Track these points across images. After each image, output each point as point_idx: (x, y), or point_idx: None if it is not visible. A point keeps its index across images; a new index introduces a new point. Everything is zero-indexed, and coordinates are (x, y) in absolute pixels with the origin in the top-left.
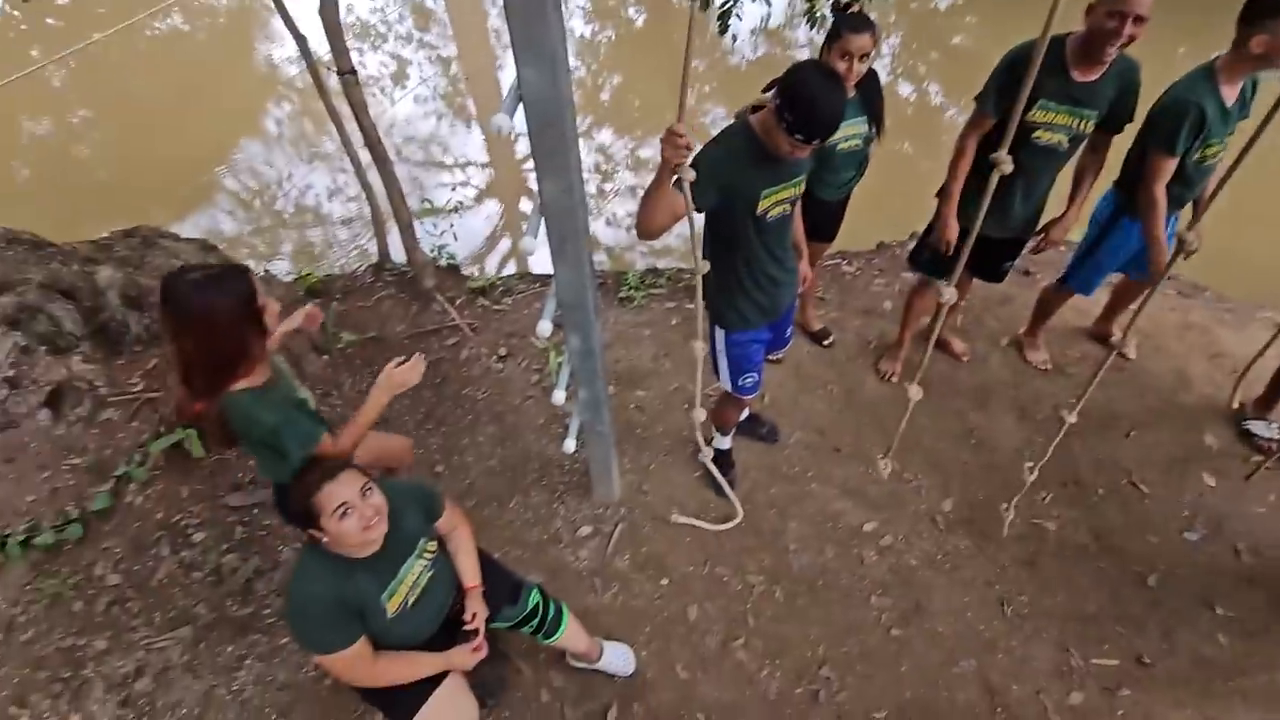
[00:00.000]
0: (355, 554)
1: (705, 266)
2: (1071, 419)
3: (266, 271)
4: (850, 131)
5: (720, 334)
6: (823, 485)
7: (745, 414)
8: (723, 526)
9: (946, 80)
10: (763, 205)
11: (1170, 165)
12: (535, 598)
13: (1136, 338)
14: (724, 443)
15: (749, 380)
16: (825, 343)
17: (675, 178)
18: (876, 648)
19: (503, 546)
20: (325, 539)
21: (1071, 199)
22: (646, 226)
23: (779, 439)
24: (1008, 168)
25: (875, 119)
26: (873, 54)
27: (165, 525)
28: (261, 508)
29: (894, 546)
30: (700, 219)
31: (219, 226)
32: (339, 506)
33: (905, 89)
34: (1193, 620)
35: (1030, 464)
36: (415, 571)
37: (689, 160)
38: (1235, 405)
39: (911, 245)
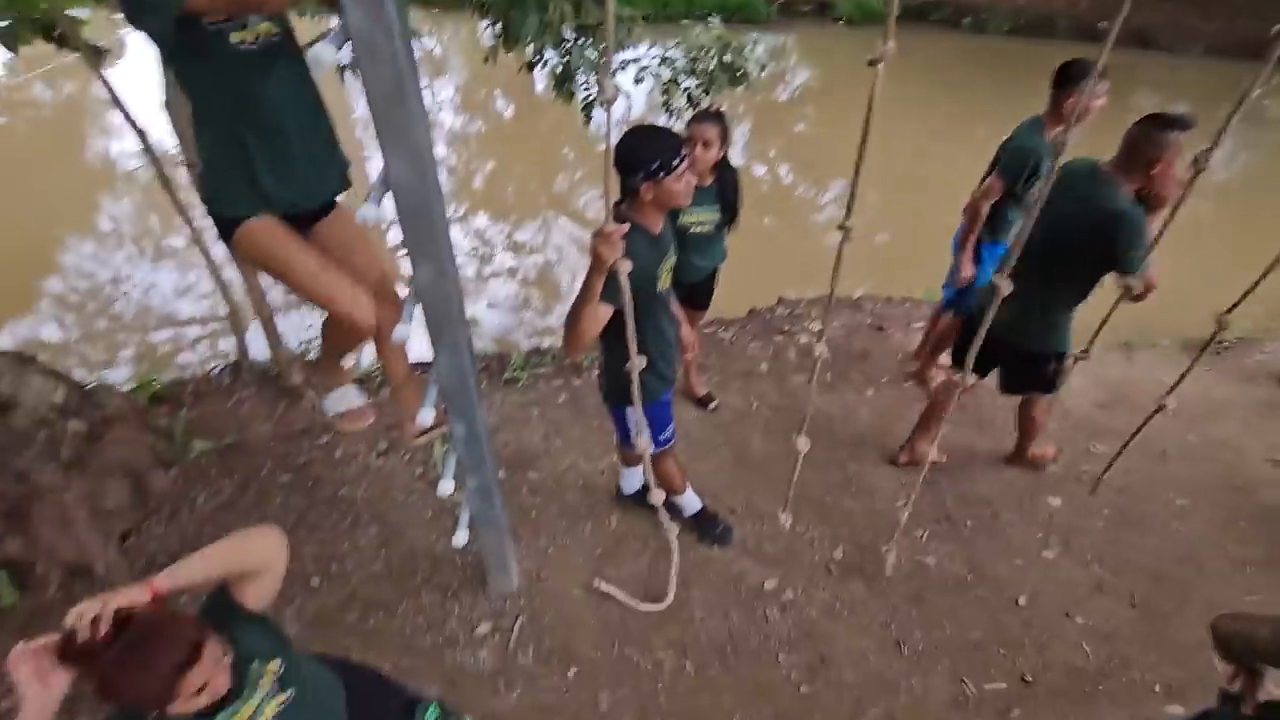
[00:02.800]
0: None
1: (642, 362)
2: (935, 456)
3: (99, 381)
4: (703, 217)
5: (637, 408)
6: (722, 548)
7: (698, 509)
8: (647, 606)
9: (793, 161)
10: (661, 281)
11: (999, 190)
12: (434, 714)
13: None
14: (694, 501)
15: (666, 433)
16: (710, 407)
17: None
18: (789, 708)
19: (394, 657)
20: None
21: None
22: (579, 341)
23: (731, 540)
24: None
25: (728, 207)
26: (723, 144)
27: None
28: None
29: (795, 601)
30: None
31: (40, 335)
32: (202, 689)
33: (759, 170)
34: (1060, 633)
35: (901, 502)
36: (253, 704)
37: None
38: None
39: (774, 309)
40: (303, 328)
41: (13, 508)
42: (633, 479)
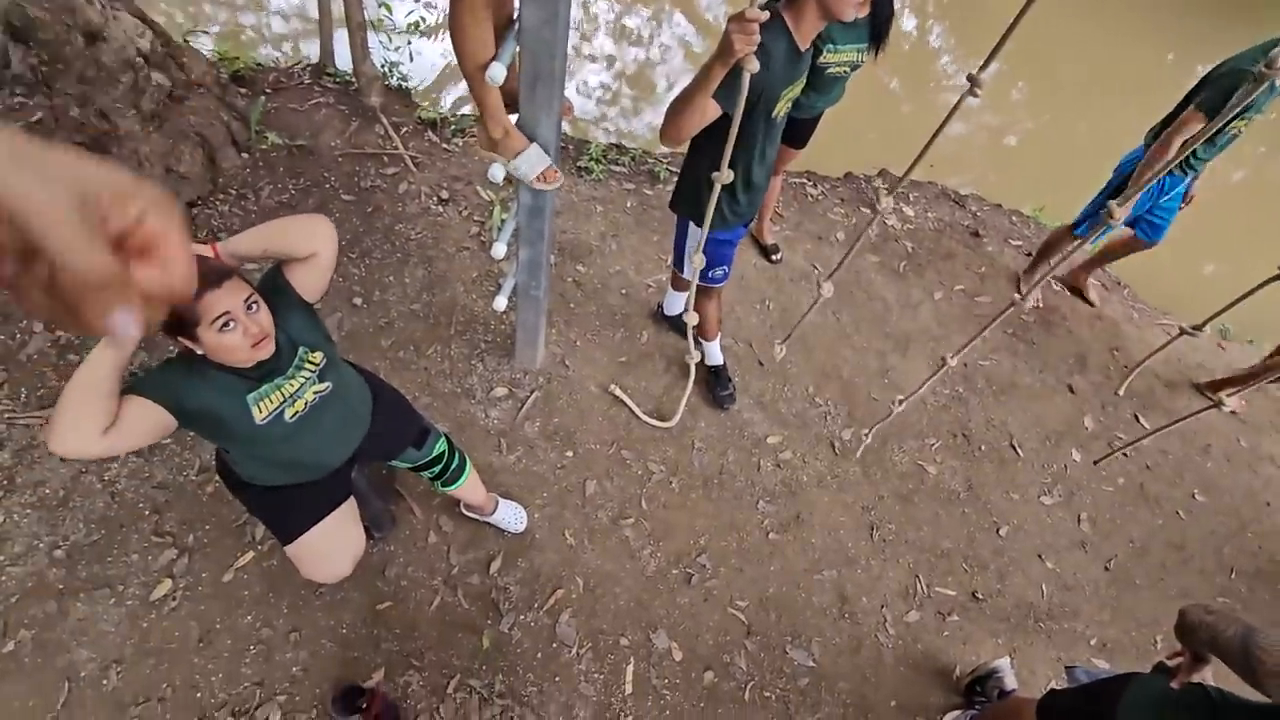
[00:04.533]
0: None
1: (729, 176)
2: (953, 362)
3: (186, 41)
4: (847, 57)
5: (696, 231)
6: (739, 394)
7: (718, 364)
8: (652, 420)
9: (951, 21)
10: (779, 106)
11: (1198, 125)
12: (442, 445)
13: (1093, 291)
14: (716, 354)
15: (719, 272)
16: (774, 258)
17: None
18: (753, 546)
19: (414, 391)
20: (200, 352)
21: None
22: (678, 131)
23: (731, 405)
24: None
25: (878, 36)
26: None
27: None
28: None
29: (790, 461)
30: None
31: None
32: (220, 316)
33: (909, 23)
34: (1026, 569)
35: (901, 397)
36: (295, 384)
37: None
38: (1120, 393)
39: (871, 180)
40: (390, 49)
41: (93, 142)
42: (676, 303)
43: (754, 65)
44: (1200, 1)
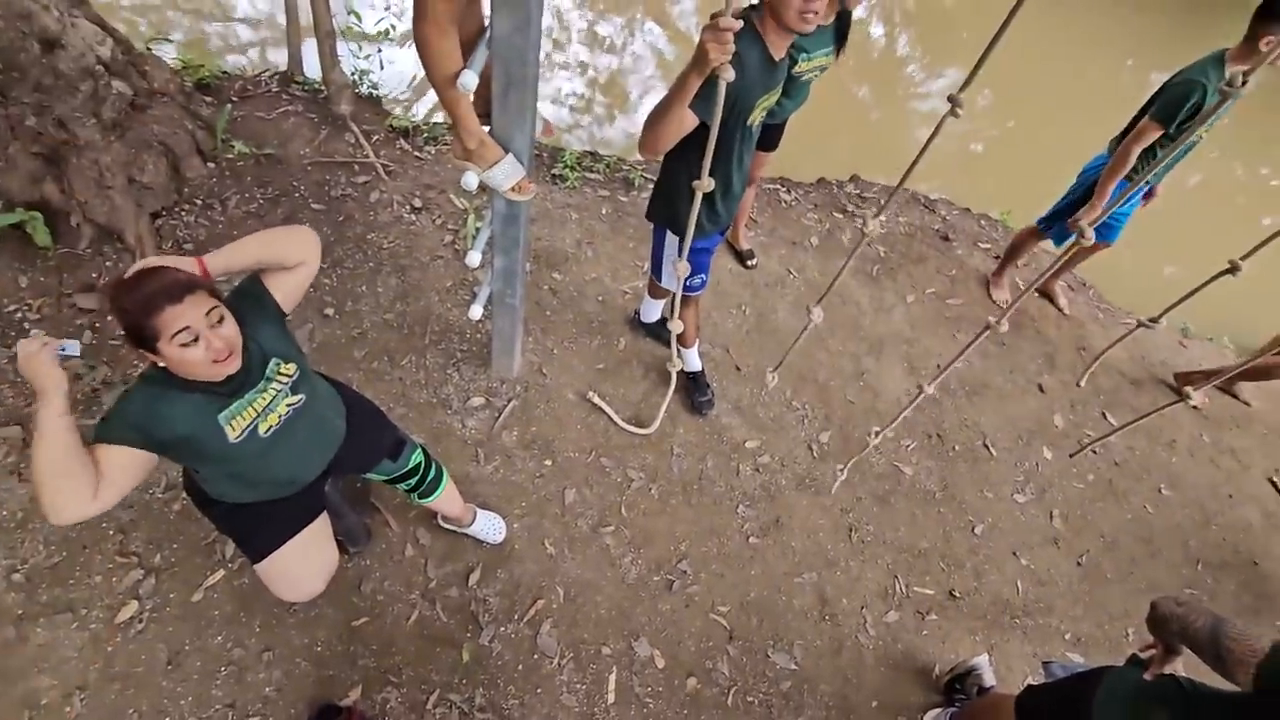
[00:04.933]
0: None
1: (711, 184)
2: (930, 389)
3: (149, 49)
4: (816, 63)
5: (673, 240)
6: (717, 400)
7: (696, 370)
8: (631, 427)
9: (917, 30)
10: (754, 115)
11: (1155, 134)
12: (418, 457)
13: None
14: (695, 360)
15: (696, 279)
16: (749, 263)
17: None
18: (733, 551)
19: (389, 403)
20: (163, 364)
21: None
22: (655, 141)
23: (708, 412)
24: None
25: (843, 37)
26: None
27: None
28: None
29: (769, 465)
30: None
31: None
32: (181, 331)
33: (877, 30)
34: (1001, 566)
35: (877, 429)
36: (267, 397)
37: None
38: (1081, 384)
39: (844, 185)
40: (360, 56)
41: (51, 152)
42: (653, 311)
43: (730, 74)
44: (1156, 9)
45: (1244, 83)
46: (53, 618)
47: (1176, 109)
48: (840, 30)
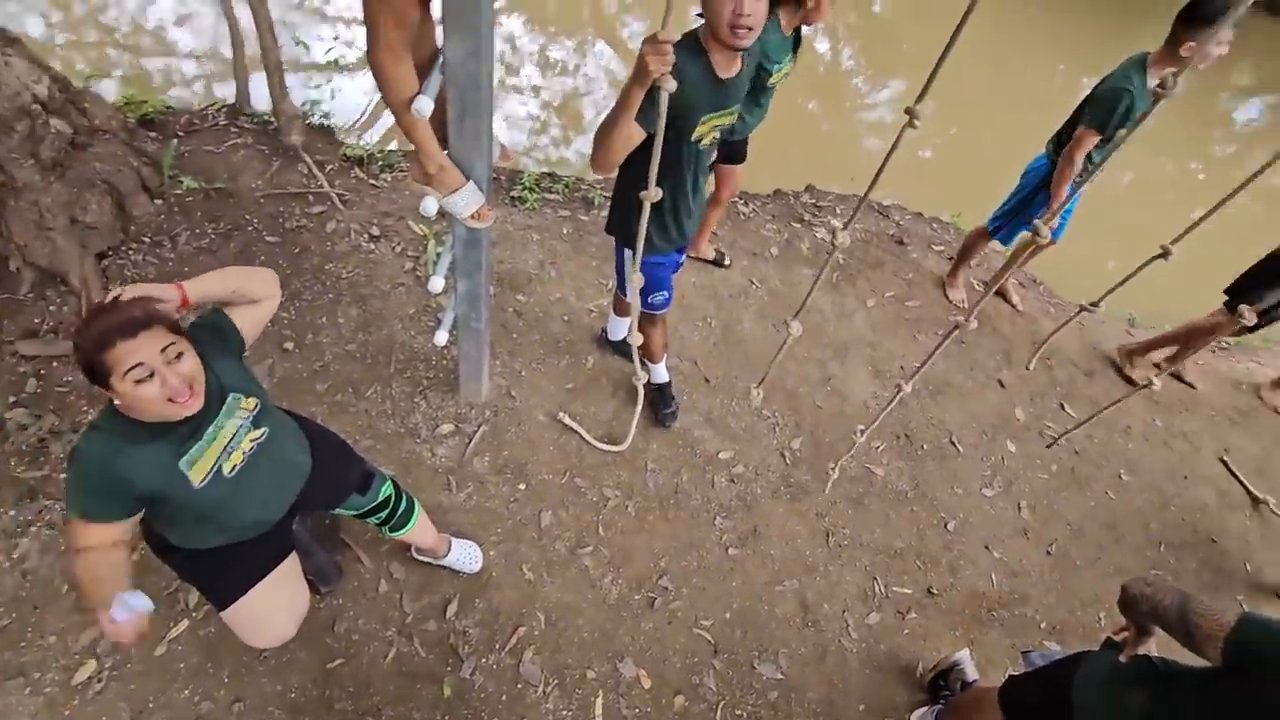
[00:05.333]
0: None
1: (657, 194)
2: (907, 388)
3: (87, 87)
4: (783, 71)
5: (630, 256)
6: (688, 413)
7: (663, 382)
8: (603, 445)
9: (861, 43)
10: (698, 131)
11: (1094, 140)
12: (387, 489)
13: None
14: (662, 374)
15: (659, 297)
16: (726, 264)
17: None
18: (713, 564)
19: (355, 435)
20: (118, 401)
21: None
22: (605, 157)
23: (673, 423)
24: None
25: (796, 45)
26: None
27: None
28: (63, 361)
29: (744, 475)
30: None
31: (19, 26)
32: (134, 368)
33: (822, 45)
34: (975, 561)
35: (862, 428)
36: (228, 433)
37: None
38: (1029, 368)
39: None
40: (310, 86)
41: None
42: (619, 328)
43: (670, 85)
44: (1084, 18)
45: (1174, 84)
46: (4, 684)
47: (1109, 115)
48: (796, 39)
